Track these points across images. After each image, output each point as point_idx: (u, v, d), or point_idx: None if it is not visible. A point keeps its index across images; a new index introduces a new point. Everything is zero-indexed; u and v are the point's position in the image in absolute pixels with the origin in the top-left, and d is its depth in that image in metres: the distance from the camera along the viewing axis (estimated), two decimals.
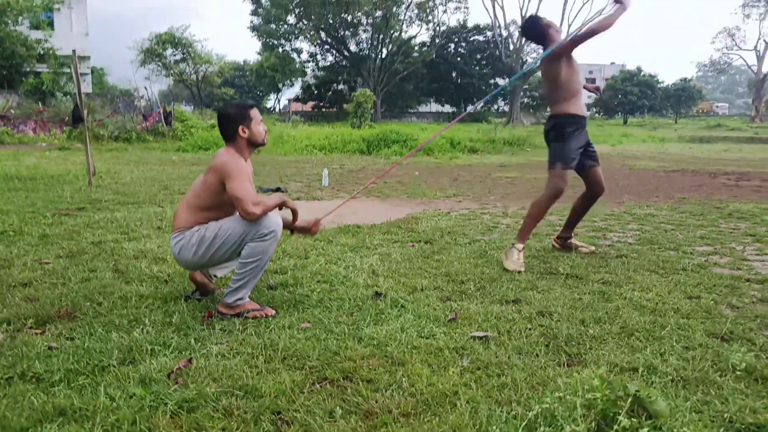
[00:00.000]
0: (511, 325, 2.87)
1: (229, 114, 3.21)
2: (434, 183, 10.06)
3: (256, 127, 3.24)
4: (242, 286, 3.06)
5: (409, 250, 4.61)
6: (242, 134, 3.20)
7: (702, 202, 7.47)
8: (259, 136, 3.26)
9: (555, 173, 4.32)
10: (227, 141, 3.22)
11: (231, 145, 3.21)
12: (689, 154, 19.02)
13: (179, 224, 3.16)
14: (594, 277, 3.78)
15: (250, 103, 3.33)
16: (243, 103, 3.34)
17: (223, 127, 3.22)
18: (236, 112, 3.21)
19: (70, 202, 7.24)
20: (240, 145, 3.22)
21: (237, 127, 3.18)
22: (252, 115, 3.24)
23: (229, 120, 3.19)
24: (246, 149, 3.25)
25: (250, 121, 3.22)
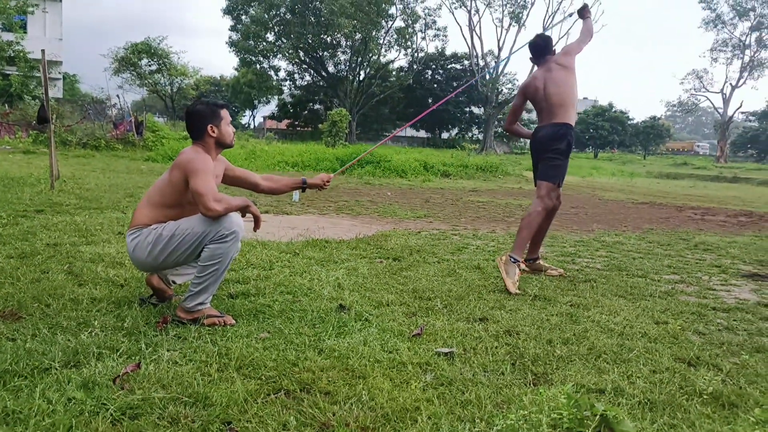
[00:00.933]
0: (477, 342, 2.79)
1: (198, 111, 3.11)
2: (406, 203, 10.01)
3: (225, 127, 3.15)
4: (203, 290, 2.94)
5: (377, 266, 4.52)
6: (211, 133, 3.10)
7: (669, 233, 7.55)
8: (228, 137, 3.17)
9: (552, 188, 4.36)
10: (195, 139, 3.12)
11: (198, 144, 3.10)
12: (657, 189, 19.39)
13: (137, 221, 3.03)
14: (562, 299, 3.74)
15: (221, 102, 3.23)
16: (214, 101, 3.23)
17: (191, 125, 3.11)
18: (206, 110, 3.11)
19: (29, 204, 6.98)
20: (208, 145, 3.11)
21: (206, 126, 3.08)
22: (222, 114, 3.15)
23: (199, 117, 3.09)
24: (213, 149, 3.15)
25: (220, 121, 3.13)
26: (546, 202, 4.38)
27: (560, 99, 4.39)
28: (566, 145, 4.36)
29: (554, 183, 4.40)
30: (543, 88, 4.44)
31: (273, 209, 8.20)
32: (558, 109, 4.36)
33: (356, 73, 47.65)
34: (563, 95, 4.39)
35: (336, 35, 44.51)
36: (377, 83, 47.85)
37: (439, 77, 53.77)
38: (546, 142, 4.40)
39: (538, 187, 4.47)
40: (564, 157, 4.39)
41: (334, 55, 47.83)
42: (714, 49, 57.03)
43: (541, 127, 4.47)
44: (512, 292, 3.83)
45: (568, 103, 4.38)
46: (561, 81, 4.42)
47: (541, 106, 4.49)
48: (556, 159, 4.38)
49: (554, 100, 4.39)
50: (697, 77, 60.92)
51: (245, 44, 45.45)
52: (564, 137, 4.34)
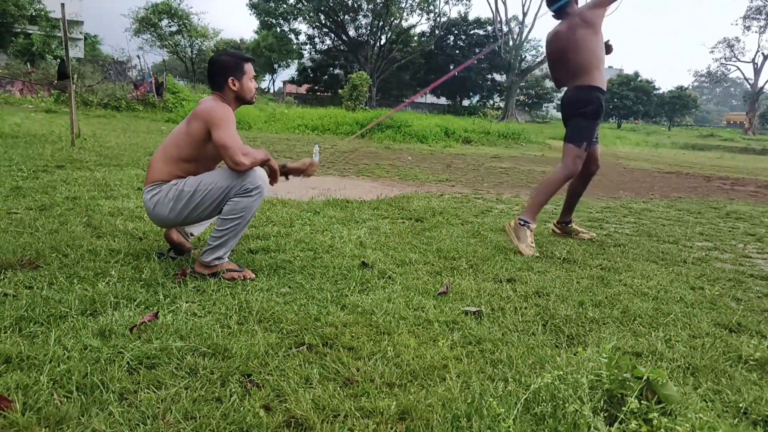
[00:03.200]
0: (506, 302, 2.68)
1: (222, 62, 2.97)
2: (427, 168, 9.85)
3: (247, 82, 3.01)
4: (222, 244, 2.85)
5: (399, 226, 4.41)
6: (232, 86, 2.97)
7: (698, 202, 7.33)
8: (249, 93, 3.03)
9: (577, 152, 4.11)
10: (214, 90, 3.00)
11: (218, 95, 2.98)
12: (683, 159, 18.95)
13: (155, 176, 2.92)
14: (592, 262, 3.60)
15: (247, 56, 3.09)
16: (240, 53, 3.09)
17: (213, 75, 2.99)
18: (230, 62, 2.98)
19: (50, 159, 6.95)
20: (227, 97, 2.99)
21: (228, 78, 2.95)
22: (246, 69, 3.01)
23: (222, 68, 2.96)
24: (233, 103, 3.02)
25: (243, 75, 2.99)
26: (570, 168, 4.11)
27: (581, 63, 4.08)
28: (593, 109, 4.07)
29: (578, 145, 4.12)
30: (564, 51, 4.16)
31: None
32: (580, 71, 4.09)
33: (377, 38, 46.91)
34: (583, 59, 4.07)
35: None
36: (398, 48, 47.11)
37: (462, 43, 52.76)
38: (571, 107, 4.16)
39: (564, 151, 4.20)
40: (591, 120, 4.10)
41: (355, 18, 47.07)
42: (747, 17, 55.22)
43: (566, 91, 4.24)
44: (528, 254, 3.70)
45: (589, 65, 4.07)
46: (581, 44, 4.07)
47: (563, 66, 4.22)
48: (581, 122, 4.12)
49: (574, 64, 4.10)
50: (728, 46, 59.23)
51: (266, 6, 44.91)
52: (590, 101, 4.05)
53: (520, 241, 3.81)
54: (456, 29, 52.05)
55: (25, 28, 28.43)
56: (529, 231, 3.88)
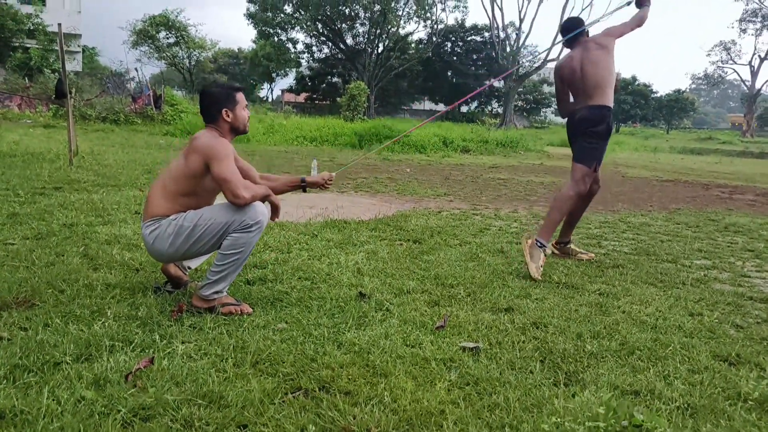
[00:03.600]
0: (504, 335, 2.67)
1: (213, 94, 2.98)
2: (425, 181, 9.85)
3: (240, 111, 3.02)
4: (221, 278, 2.84)
5: (397, 248, 4.40)
6: (226, 117, 2.97)
7: (697, 214, 7.32)
8: (242, 122, 3.04)
9: (586, 172, 4.20)
10: (208, 122, 2.99)
11: (212, 127, 2.98)
12: (681, 165, 18.96)
13: (153, 211, 2.91)
14: (590, 287, 3.59)
15: (237, 85, 3.09)
16: (230, 84, 3.10)
17: (205, 107, 2.99)
18: (222, 93, 2.98)
19: (47, 181, 6.96)
20: (222, 129, 2.99)
21: (221, 109, 2.96)
22: (238, 98, 3.01)
23: (214, 100, 2.96)
24: (228, 134, 3.02)
25: (236, 105, 3.00)
26: (580, 187, 4.18)
27: (597, 80, 4.15)
28: (605, 129, 4.15)
29: (589, 167, 4.19)
30: (580, 69, 4.21)
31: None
32: (595, 90, 4.15)
33: (375, 46, 47.02)
34: (600, 76, 4.16)
35: (354, 6, 43.87)
36: (396, 56, 47.20)
37: (459, 49, 52.89)
38: (583, 125, 4.20)
39: (573, 170, 4.26)
40: (602, 140, 4.19)
41: (352, 27, 47.22)
42: (743, 20, 55.36)
43: (578, 109, 4.26)
44: (535, 277, 3.69)
45: (605, 84, 4.15)
46: (599, 61, 4.18)
47: (577, 87, 4.26)
48: (592, 142, 4.18)
49: (591, 81, 4.16)
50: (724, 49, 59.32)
51: (263, 16, 45.04)
52: (602, 120, 4.13)
53: (532, 260, 3.79)
54: (453, 36, 52.18)
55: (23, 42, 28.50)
56: (544, 255, 3.89)
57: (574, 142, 4.27)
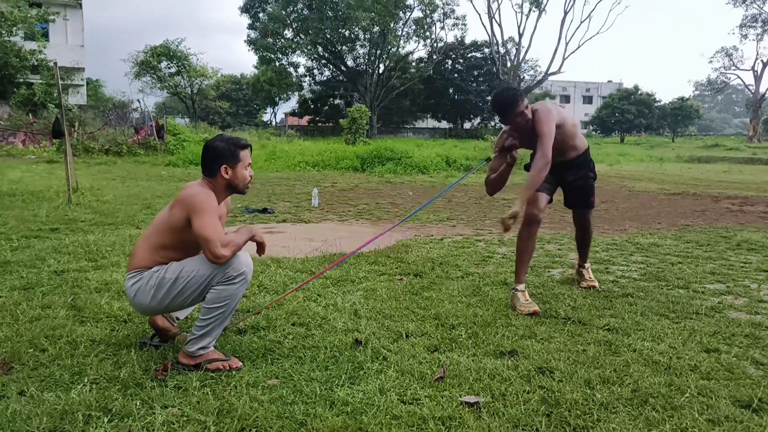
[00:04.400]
0: (507, 386, 2.50)
1: (216, 148, 2.81)
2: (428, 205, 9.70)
3: (241, 171, 2.85)
4: (207, 333, 2.70)
5: (397, 284, 4.25)
6: (224, 174, 2.82)
7: (707, 230, 7.13)
8: (242, 182, 2.87)
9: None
10: (206, 174, 2.86)
11: (207, 181, 2.84)
12: (689, 175, 18.74)
13: (137, 263, 2.79)
14: (598, 322, 3.42)
15: (244, 142, 2.90)
16: (237, 140, 2.89)
17: (205, 161, 2.84)
18: (224, 149, 2.81)
19: (44, 221, 6.88)
20: (217, 185, 2.84)
21: (220, 165, 2.81)
22: (242, 156, 2.84)
23: (215, 154, 2.81)
24: (223, 191, 2.88)
25: (237, 163, 2.84)
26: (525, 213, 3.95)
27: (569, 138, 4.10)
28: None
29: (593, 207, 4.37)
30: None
31: (291, 217, 7.98)
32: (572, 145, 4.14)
33: (375, 66, 47.29)
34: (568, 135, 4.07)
35: (354, 29, 44.19)
36: (397, 75, 47.43)
37: (460, 66, 53.06)
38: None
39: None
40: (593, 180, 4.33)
41: (352, 48, 47.57)
42: (743, 26, 55.31)
43: None
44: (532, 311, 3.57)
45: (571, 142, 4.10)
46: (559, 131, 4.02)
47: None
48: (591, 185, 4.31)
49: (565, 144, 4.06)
50: (726, 55, 59.23)
51: (264, 42, 45.42)
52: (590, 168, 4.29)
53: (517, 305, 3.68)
54: (453, 53, 52.40)
55: (27, 78, 28.75)
56: (519, 292, 3.75)
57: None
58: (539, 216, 3.95)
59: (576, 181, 4.17)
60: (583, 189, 4.20)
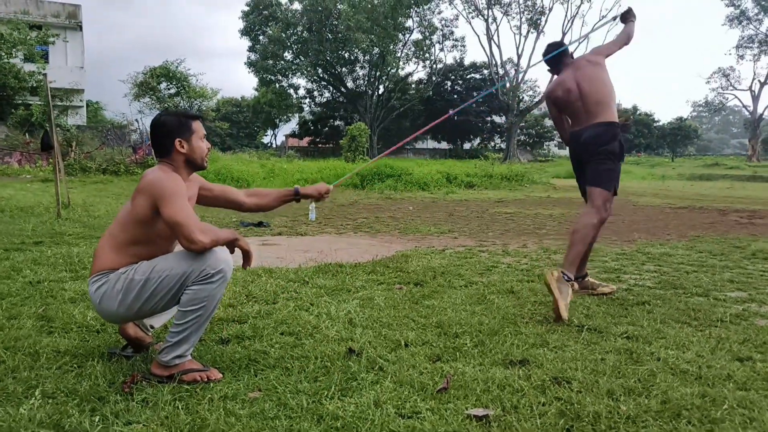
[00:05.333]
0: (519, 397, 2.21)
1: (165, 123, 2.58)
2: (429, 218, 9.44)
3: (197, 142, 2.61)
4: (183, 340, 2.40)
5: (396, 293, 3.96)
6: (180, 149, 2.56)
7: (719, 241, 6.85)
8: (200, 154, 2.62)
9: (606, 196, 3.80)
10: (160, 156, 2.60)
11: (165, 162, 2.58)
12: (692, 191, 18.49)
13: (100, 264, 2.50)
14: (615, 329, 3.13)
15: (192, 113, 2.71)
16: (185, 111, 2.72)
17: (156, 139, 2.59)
18: (174, 122, 2.58)
19: (30, 235, 6.60)
20: (177, 163, 2.59)
21: (173, 140, 2.55)
22: (194, 127, 2.61)
23: (165, 130, 2.56)
24: (183, 170, 2.62)
25: (191, 135, 2.59)
26: (602, 213, 3.75)
27: (598, 97, 3.81)
28: (618, 147, 3.78)
29: (609, 190, 3.79)
30: (576, 87, 3.86)
31: (287, 231, 7.70)
32: (598, 107, 3.79)
33: (375, 88, 47.42)
34: (601, 92, 3.83)
35: (354, 50, 44.38)
36: (397, 96, 47.55)
37: (459, 88, 53.27)
38: (592, 145, 3.80)
39: (590, 196, 3.84)
40: (617, 160, 3.80)
41: (352, 70, 47.74)
42: (740, 46, 55.61)
43: (581, 129, 3.87)
44: (564, 318, 3.25)
45: (608, 99, 3.81)
46: (595, 77, 3.85)
47: (575, 108, 3.89)
48: (607, 162, 3.78)
49: (591, 98, 3.82)
50: (723, 75, 59.47)
51: (264, 64, 45.60)
52: (614, 137, 3.76)
53: (561, 297, 3.31)
54: (453, 74, 52.65)
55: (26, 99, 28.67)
56: (572, 290, 3.45)
57: (586, 164, 3.88)
58: None
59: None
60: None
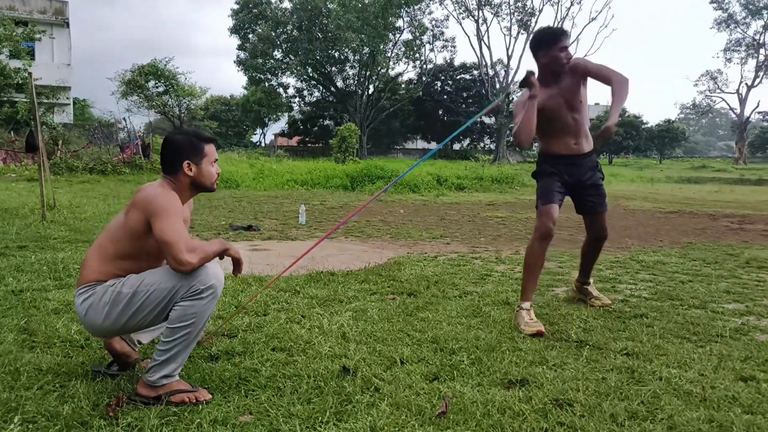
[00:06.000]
0: (521, 422, 2.13)
1: (176, 142, 2.47)
2: (420, 222, 9.37)
3: (207, 167, 2.50)
4: (171, 358, 2.31)
5: (389, 305, 3.87)
6: (187, 171, 2.46)
7: (712, 248, 6.83)
8: (209, 179, 2.52)
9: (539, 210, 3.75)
10: (167, 173, 2.50)
11: (168, 180, 2.48)
12: (682, 195, 18.56)
13: (88, 276, 2.40)
14: (614, 345, 3.06)
15: (208, 135, 2.57)
16: (200, 133, 2.56)
17: (165, 157, 2.49)
18: (185, 142, 2.47)
19: (13, 239, 6.44)
20: (180, 184, 2.49)
21: (182, 161, 2.46)
22: (206, 151, 2.50)
23: (176, 149, 2.46)
24: (187, 191, 2.52)
25: (202, 158, 2.49)
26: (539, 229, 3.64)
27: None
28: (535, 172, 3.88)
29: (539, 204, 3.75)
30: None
31: (277, 235, 7.60)
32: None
33: (365, 87, 47.25)
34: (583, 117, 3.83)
35: (344, 50, 44.17)
36: (386, 96, 47.39)
37: (449, 88, 53.20)
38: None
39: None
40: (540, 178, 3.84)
41: (342, 70, 47.52)
42: (727, 50, 56.01)
43: None
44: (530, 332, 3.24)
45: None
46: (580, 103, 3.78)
47: None
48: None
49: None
50: (711, 78, 59.84)
51: (253, 62, 45.28)
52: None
53: (522, 324, 3.36)
54: (443, 75, 52.54)
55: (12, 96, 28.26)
56: (524, 311, 3.42)
57: None
58: (553, 230, 3.62)
59: (592, 179, 3.81)
60: (600, 188, 3.86)
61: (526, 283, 3.58)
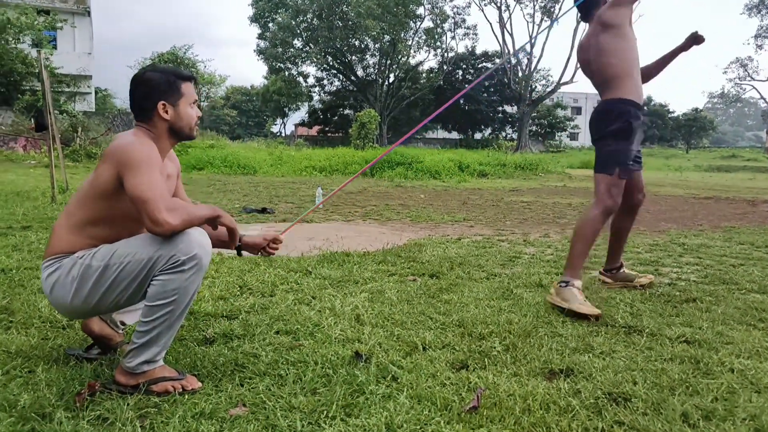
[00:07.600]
0: (570, 421, 1.74)
1: (149, 81, 2.10)
2: (441, 206, 8.96)
3: (186, 108, 2.14)
4: (151, 341, 1.95)
5: (409, 286, 3.50)
6: (162, 114, 2.11)
7: (758, 232, 6.33)
8: (188, 123, 2.16)
9: (610, 181, 3.23)
10: (139, 120, 2.13)
11: (143, 128, 2.12)
12: (714, 182, 17.87)
13: (55, 247, 2.05)
14: (669, 332, 2.65)
15: (187, 73, 2.20)
16: (176, 70, 2.18)
17: (136, 98, 2.12)
18: (160, 80, 2.10)
19: (20, 220, 6.19)
20: (157, 130, 2.13)
21: (156, 102, 2.09)
22: (184, 90, 2.14)
23: (148, 90, 2.10)
24: (165, 139, 2.15)
25: (179, 98, 2.12)
26: (606, 201, 3.20)
27: (606, 72, 3.24)
28: (620, 127, 3.19)
29: (609, 173, 3.22)
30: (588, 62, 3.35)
31: (292, 217, 7.26)
32: (606, 83, 3.27)
33: (385, 76, 46.73)
34: (608, 66, 3.22)
35: (364, 38, 43.69)
36: (407, 85, 46.85)
37: (470, 77, 52.38)
38: (595, 126, 3.32)
39: (595, 183, 3.31)
40: (618, 140, 3.21)
41: (362, 58, 47.05)
42: (758, 36, 54.37)
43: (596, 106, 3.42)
44: (591, 314, 2.81)
45: (616, 73, 3.21)
46: (603, 49, 3.25)
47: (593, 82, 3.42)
48: (609, 142, 3.25)
49: (599, 76, 3.30)
50: (741, 65, 58.27)
51: (273, 51, 45.01)
52: (617, 116, 3.19)
53: (570, 302, 2.89)
54: (464, 63, 51.76)
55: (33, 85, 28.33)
56: (576, 289, 2.98)
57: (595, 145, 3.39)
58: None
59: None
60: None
61: (576, 258, 3.13)
